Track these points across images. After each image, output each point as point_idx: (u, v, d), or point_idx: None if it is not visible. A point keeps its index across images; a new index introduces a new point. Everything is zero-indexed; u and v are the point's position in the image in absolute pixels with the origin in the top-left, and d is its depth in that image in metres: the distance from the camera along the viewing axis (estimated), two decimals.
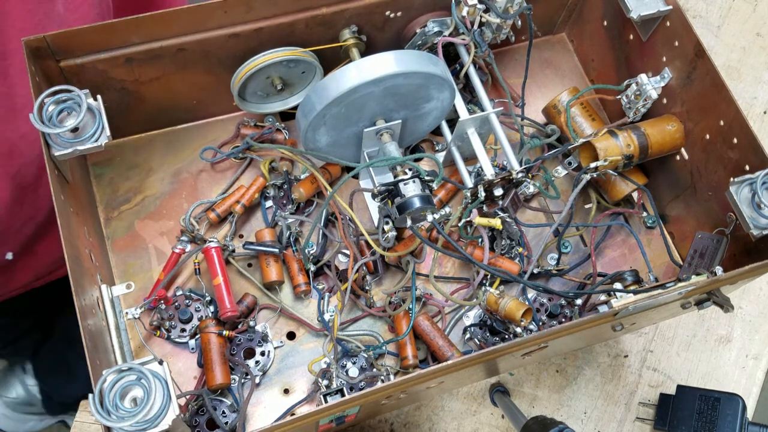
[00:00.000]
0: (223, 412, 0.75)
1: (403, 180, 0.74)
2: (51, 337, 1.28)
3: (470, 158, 0.86)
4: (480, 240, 0.83)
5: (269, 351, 0.80)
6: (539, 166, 0.86)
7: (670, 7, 0.80)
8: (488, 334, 0.81)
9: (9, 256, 0.92)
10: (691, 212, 0.85)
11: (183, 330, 0.79)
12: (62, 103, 0.68)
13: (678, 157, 0.85)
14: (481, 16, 0.82)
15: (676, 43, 0.80)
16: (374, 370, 0.78)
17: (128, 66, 0.77)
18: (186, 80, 0.82)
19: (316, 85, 0.75)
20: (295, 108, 0.86)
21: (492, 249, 0.84)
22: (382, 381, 0.77)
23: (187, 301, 0.79)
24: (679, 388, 0.86)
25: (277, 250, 0.80)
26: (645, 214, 0.90)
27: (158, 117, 0.87)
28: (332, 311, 0.81)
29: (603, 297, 0.76)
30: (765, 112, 1.09)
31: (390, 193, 0.74)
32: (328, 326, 0.79)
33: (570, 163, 0.89)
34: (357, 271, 0.79)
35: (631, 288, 0.79)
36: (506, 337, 0.80)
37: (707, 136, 0.80)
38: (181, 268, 0.82)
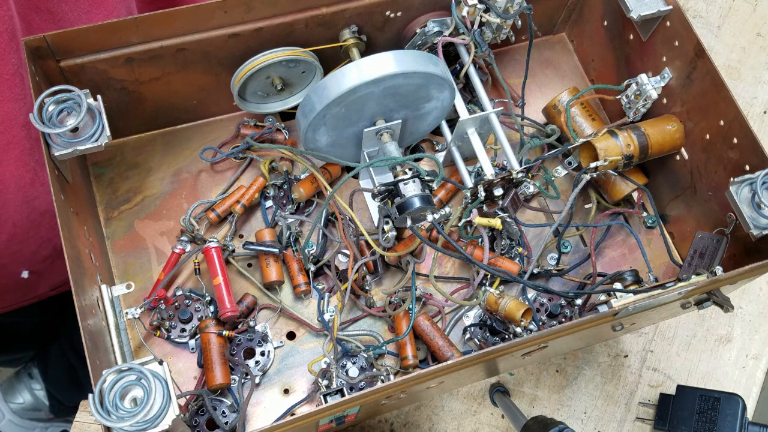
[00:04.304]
0: (223, 412, 0.75)
1: (403, 180, 0.74)
2: (58, 341, 1.28)
3: (470, 158, 0.86)
4: (480, 240, 0.83)
5: (269, 351, 0.80)
6: (539, 166, 0.86)
7: (670, 7, 0.80)
8: (488, 334, 0.81)
9: (25, 274, 0.94)
10: (691, 212, 0.85)
11: (183, 330, 0.79)
12: (62, 103, 0.68)
13: (678, 157, 0.85)
14: (481, 16, 0.82)
15: (676, 43, 0.80)
16: (374, 370, 0.78)
17: (128, 66, 0.77)
18: (186, 80, 0.82)
19: (316, 85, 0.75)
20: (295, 108, 0.86)
21: (492, 249, 0.84)
22: (382, 381, 0.77)
23: (187, 301, 0.79)
24: (679, 388, 0.86)
25: (277, 250, 0.80)
26: (645, 214, 0.90)
27: (158, 117, 0.87)
28: (332, 311, 0.81)
29: (603, 297, 0.77)
30: (765, 112, 1.09)
31: (390, 193, 0.74)
32: (328, 326, 0.79)
33: (570, 163, 0.89)
34: (357, 271, 0.79)
35: (631, 288, 0.79)
36: (506, 337, 0.80)
37: (707, 136, 0.80)
38: (181, 268, 0.82)
